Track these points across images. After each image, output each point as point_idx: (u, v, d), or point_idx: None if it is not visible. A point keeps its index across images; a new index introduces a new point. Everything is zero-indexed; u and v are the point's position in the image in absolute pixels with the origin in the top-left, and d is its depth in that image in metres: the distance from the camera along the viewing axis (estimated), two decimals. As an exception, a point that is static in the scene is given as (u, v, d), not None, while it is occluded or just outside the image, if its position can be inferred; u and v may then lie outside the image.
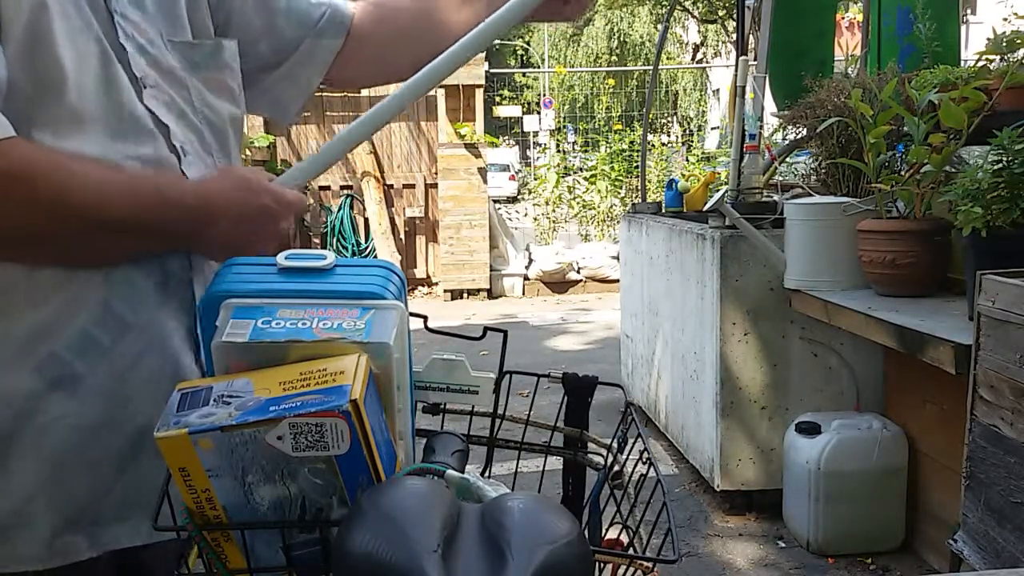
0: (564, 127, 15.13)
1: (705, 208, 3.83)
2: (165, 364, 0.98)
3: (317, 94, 1.28)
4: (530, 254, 8.84)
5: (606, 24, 27.90)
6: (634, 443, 0.99)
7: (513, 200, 16.75)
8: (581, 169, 10.78)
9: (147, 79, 0.98)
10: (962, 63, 3.24)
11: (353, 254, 8.32)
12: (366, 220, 8.56)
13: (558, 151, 11.97)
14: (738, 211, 3.02)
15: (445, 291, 8.43)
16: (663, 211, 4.34)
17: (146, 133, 0.97)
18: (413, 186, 8.63)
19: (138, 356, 0.96)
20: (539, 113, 17.05)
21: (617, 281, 5.92)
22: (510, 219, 10.66)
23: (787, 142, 3.83)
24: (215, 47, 1.08)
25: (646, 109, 5.17)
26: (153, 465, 0.95)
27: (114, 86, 0.94)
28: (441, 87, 8.18)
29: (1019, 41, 2.38)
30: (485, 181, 8.40)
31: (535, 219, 10.40)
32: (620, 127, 11.07)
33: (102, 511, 0.96)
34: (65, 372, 0.93)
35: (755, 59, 3.41)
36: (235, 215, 0.96)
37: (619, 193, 9.84)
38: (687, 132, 20.28)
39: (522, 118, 16.55)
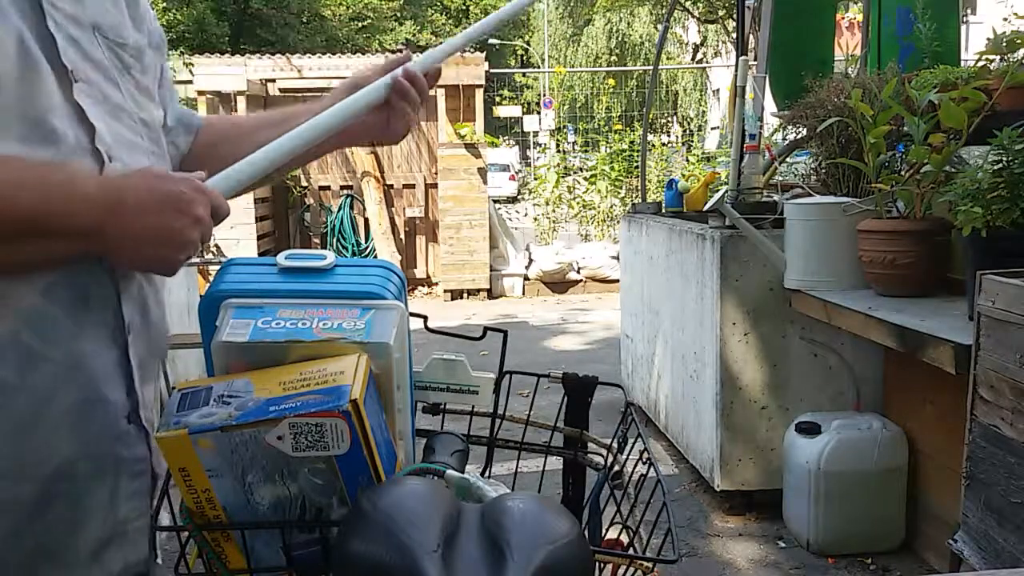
0: (564, 127, 15.12)
1: (705, 208, 3.82)
2: (86, 397, 0.89)
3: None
4: (530, 254, 8.83)
5: (606, 24, 27.90)
6: (634, 443, 0.99)
7: (513, 200, 16.75)
8: (581, 169, 10.77)
9: (78, 72, 0.89)
10: (962, 63, 3.24)
11: (353, 254, 8.33)
12: (366, 220, 8.57)
13: (558, 151, 11.96)
14: (738, 211, 3.01)
15: (445, 291, 8.42)
16: (663, 211, 4.34)
17: (66, 135, 0.87)
18: (413, 186, 8.64)
19: (51, 391, 0.86)
20: (539, 113, 17.02)
21: (617, 281, 5.92)
22: (510, 219, 10.65)
23: (787, 142, 3.83)
24: (139, 50, 1.00)
25: (646, 109, 5.18)
26: (65, 514, 0.88)
27: (36, 78, 0.85)
28: (441, 87, 8.18)
29: (1019, 41, 2.38)
30: (485, 181, 8.40)
31: (535, 219, 10.39)
32: (620, 127, 11.05)
33: (5, 567, 0.88)
34: None
35: (755, 59, 3.41)
36: (144, 201, 0.86)
37: (619, 193, 9.83)
38: (687, 132, 20.29)
39: (522, 118, 16.50)
